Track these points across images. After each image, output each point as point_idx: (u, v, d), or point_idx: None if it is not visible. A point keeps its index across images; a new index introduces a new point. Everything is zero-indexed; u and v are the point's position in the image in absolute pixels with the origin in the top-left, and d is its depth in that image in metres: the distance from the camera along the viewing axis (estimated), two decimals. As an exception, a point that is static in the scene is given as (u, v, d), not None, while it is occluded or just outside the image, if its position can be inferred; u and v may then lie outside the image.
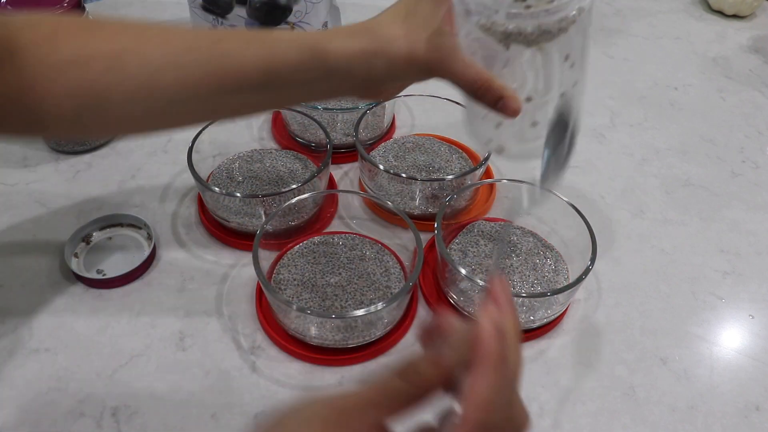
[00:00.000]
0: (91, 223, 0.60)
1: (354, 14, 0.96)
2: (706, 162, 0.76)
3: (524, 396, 0.50)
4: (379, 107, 0.70)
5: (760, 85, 0.91)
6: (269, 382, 0.50)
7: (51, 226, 0.61)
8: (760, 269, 0.63)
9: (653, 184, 0.72)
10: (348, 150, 0.71)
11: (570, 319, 0.57)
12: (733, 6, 1.06)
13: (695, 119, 0.83)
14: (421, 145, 0.70)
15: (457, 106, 0.70)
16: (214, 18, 0.84)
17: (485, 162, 0.63)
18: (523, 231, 0.61)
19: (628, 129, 0.80)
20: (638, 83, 0.89)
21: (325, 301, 0.53)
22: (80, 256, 0.58)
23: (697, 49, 0.99)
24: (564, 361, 0.53)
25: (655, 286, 0.60)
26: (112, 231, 0.61)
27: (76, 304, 0.55)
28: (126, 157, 0.70)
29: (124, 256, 0.59)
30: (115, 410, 0.48)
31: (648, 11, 1.09)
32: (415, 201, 0.64)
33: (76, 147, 0.70)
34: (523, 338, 0.54)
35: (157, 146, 0.72)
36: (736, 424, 0.50)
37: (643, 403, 0.51)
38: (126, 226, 0.61)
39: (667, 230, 0.66)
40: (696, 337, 0.56)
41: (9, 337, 0.52)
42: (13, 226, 0.61)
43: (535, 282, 0.56)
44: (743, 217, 0.69)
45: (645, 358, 0.54)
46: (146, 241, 0.60)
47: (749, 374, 0.54)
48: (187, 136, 0.61)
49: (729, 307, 0.59)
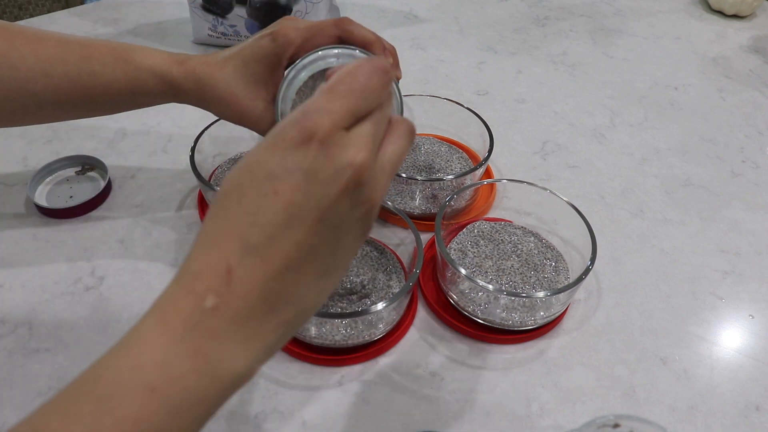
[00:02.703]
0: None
1: (354, 14, 0.96)
2: (706, 162, 0.76)
3: (524, 396, 0.50)
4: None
5: (760, 85, 0.91)
6: (269, 382, 0.50)
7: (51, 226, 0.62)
8: (760, 269, 0.63)
9: (653, 184, 0.72)
10: (348, 150, 0.71)
11: (570, 319, 0.57)
12: (733, 6, 1.06)
13: (695, 119, 0.83)
14: (421, 145, 0.70)
15: (457, 106, 0.70)
16: (214, 18, 0.84)
17: (485, 162, 0.63)
18: (523, 231, 0.61)
19: (628, 129, 0.80)
20: (638, 83, 0.89)
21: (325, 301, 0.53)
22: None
23: (697, 49, 0.99)
24: (564, 361, 0.53)
25: (655, 286, 0.60)
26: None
27: (75, 304, 0.55)
28: (126, 157, 0.70)
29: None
30: (115, 410, 0.48)
31: (648, 11, 1.09)
32: (415, 201, 0.64)
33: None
34: (523, 338, 0.54)
35: (157, 146, 0.72)
36: (736, 424, 0.50)
37: (643, 403, 0.51)
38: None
39: (667, 230, 0.66)
40: (696, 337, 0.56)
41: (9, 337, 0.52)
42: (12, 227, 0.61)
43: (535, 282, 0.56)
44: (743, 217, 0.69)
45: (645, 358, 0.54)
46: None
47: (749, 374, 0.54)
48: (187, 136, 0.61)
49: (729, 307, 0.59)
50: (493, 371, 0.52)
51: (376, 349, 0.52)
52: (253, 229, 0.27)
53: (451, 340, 0.54)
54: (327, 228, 0.28)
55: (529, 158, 0.74)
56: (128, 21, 0.93)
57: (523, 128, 0.79)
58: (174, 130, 0.74)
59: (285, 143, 0.27)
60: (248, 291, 0.27)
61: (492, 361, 0.53)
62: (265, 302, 0.27)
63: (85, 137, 0.72)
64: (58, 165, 0.67)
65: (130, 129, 0.74)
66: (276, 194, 0.27)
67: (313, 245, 0.28)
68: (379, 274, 0.56)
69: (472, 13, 1.04)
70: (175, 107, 0.79)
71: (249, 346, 0.27)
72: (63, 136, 0.73)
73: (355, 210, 0.29)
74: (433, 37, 0.97)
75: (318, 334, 0.51)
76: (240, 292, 0.27)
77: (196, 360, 0.26)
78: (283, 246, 0.27)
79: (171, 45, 0.89)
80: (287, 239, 0.27)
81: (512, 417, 0.49)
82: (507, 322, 0.53)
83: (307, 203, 0.27)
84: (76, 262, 0.58)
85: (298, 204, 0.27)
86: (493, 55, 0.94)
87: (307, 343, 0.52)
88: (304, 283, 0.28)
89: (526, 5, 1.08)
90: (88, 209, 0.63)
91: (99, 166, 0.67)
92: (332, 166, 0.27)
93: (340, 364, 0.52)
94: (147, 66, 0.47)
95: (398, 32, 0.97)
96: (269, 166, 0.27)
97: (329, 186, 0.27)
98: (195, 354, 0.26)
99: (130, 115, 0.76)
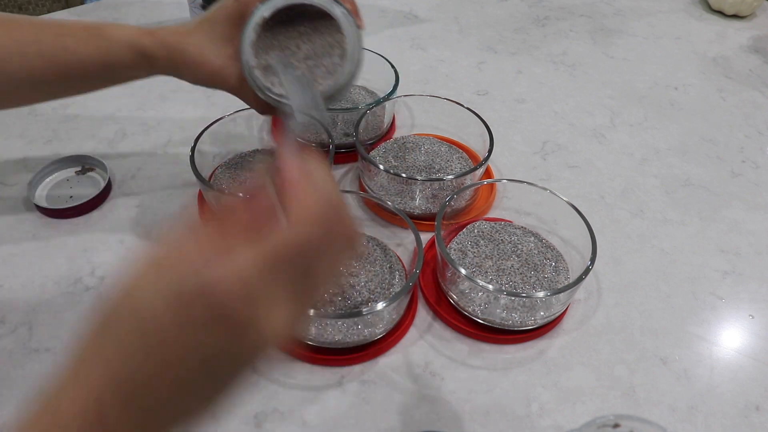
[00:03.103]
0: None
1: (354, 14, 0.96)
2: (706, 162, 0.76)
3: (524, 396, 0.50)
4: (379, 107, 0.70)
5: (760, 85, 0.91)
6: (269, 382, 0.50)
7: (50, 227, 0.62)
8: (760, 269, 0.63)
9: (653, 184, 0.72)
10: (348, 150, 0.71)
11: (570, 319, 0.57)
12: (733, 6, 1.06)
13: (695, 119, 0.83)
14: (421, 145, 0.70)
15: (457, 106, 0.70)
16: (214, 18, 0.84)
17: (485, 162, 0.63)
18: (523, 231, 0.61)
19: (628, 129, 0.80)
20: (638, 83, 0.89)
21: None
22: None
23: (697, 49, 0.99)
24: (564, 361, 0.53)
25: (655, 286, 0.60)
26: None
27: (75, 305, 0.55)
28: (126, 157, 0.70)
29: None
30: (115, 410, 0.48)
31: (648, 11, 1.09)
32: (415, 201, 0.64)
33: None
34: (523, 338, 0.54)
35: (157, 146, 0.72)
36: (736, 424, 0.50)
37: (643, 403, 0.51)
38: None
39: (667, 230, 0.66)
40: (696, 337, 0.56)
41: (9, 337, 0.52)
42: (12, 227, 0.61)
43: (535, 282, 0.56)
44: (743, 217, 0.69)
45: (645, 358, 0.54)
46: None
47: (749, 374, 0.54)
48: (187, 136, 0.61)
49: (729, 307, 0.59)
50: (493, 371, 0.52)
51: (376, 349, 0.52)
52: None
53: (451, 340, 0.54)
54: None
55: (529, 158, 0.74)
56: (128, 21, 0.94)
57: (523, 128, 0.79)
58: (174, 130, 0.74)
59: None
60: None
61: (492, 361, 0.53)
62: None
63: (85, 137, 0.72)
64: (58, 165, 0.67)
65: (130, 129, 0.74)
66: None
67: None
68: (380, 274, 0.56)
69: (472, 13, 1.04)
70: (176, 107, 0.79)
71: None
72: (63, 136, 0.73)
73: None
74: (433, 37, 0.97)
75: (318, 334, 0.51)
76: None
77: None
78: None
79: (171, 45, 0.89)
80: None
81: (512, 417, 0.49)
82: (507, 322, 0.53)
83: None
84: (76, 262, 0.58)
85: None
86: (493, 55, 0.94)
87: (307, 343, 0.52)
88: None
89: (526, 5, 1.08)
90: (88, 209, 0.63)
91: (99, 166, 0.67)
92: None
93: (340, 364, 0.52)
94: (119, 38, 0.49)
95: (398, 32, 0.97)
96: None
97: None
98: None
99: (130, 115, 0.76)
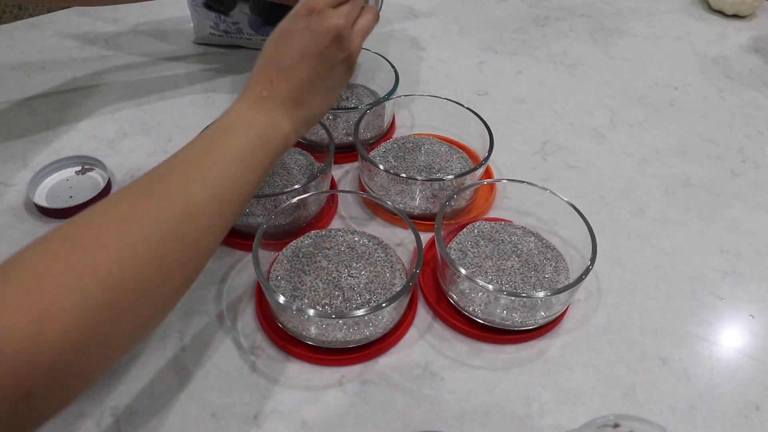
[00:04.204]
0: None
1: (354, 14, 0.96)
2: (706, 162, 0.76)
3: (524, 396, 0.50)
4: (380, 107, 0.70)
5: (760, 85, 0.91)
6: (269, 382, 0.50)
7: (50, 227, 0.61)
8: (760, 269, 0.63)
9: (653, 184, 0.72)
10: (348, 150, 0.71)
11: (570, 319, 0.57)
12: (733, 6, 1.06)
13: (695, 119, 0.83)
14: (421, 145, 0.70)
15: (457, 106, 0.70)
16: (216, 16, 0.84)
17: (485, 162, 0.63)
18: (523, 231, 0.61)
19: (628, 129, 0.80)
20: (638, 83, 0.89)
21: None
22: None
23: (697, 49, 0.99)
24: (564, 361, 0.53)
25: (655, 286, 0.60)
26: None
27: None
28: (126, 157, 0.70)
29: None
30: (115, 410, 0.48)
31: (648, 11, 1.09)
32: (415, 201, 0.64)
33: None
34: (523, 338, 0.54)
35: (157, 146, 0.72)
36: (736, 424, 0.50)
37: (643, 403, 0.51)
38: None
39: (667, 230, 0.66)
40: (696, 337, 0.56)
41: (9, 336, 0.52)
42: (12, 227, 0.61)
43: (535, 282, 0.56)
44: (743, 217, 0.69)
45: (645, 358, 0.54)
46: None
47: (749, 374, 0.54)
48: (187, 136, 0.61)
49: (729, 307, 0.59)
50: (493, 371, 0.52)
51: (376, 349, 0.52)
52: (282, 60, 0.48)
53: (451, 340, 0.54)
54: (324, 62, 0.48)
55: (529, 158, 0.74)
56: (128, 21, 0.93)
57: (523, 128, 0.79)
58: (174, 130, 0.74)
59: (297, 14, 0.49)
60: (283, 90, 0.47)
61: (492, 361, 0.53)
62: (293, 100, 0.47)
63: (85, 137, 0.72)
64: (58, 165, 0.67)
65: (130, 129, 0.74)
66: (293, 41, 0.48)
67: (317, 71, 0.48)
68: (381, 273, 0.56)
69: (472, 13, 1.04)
70: (176, 107, 0.79)
71: (289, 119, 0.47)
72: (63, 136, 0.72)
73: (340, 54, 0.49)
74: (433, 37, 0.97)
75: (318, 334, 0.51)
76: (278, 90, 0.47)
77: (266, 119, 0.46)
78: (300, 70, 0.48)
79: (172, 45, 0.89)
80: (301, 66, 0.48)
81: (512, 417, 0.49)
82: (507, 322, 0.53)
83: (310, 46, 0.47)
84: (76, 262, 0.58)
85: (306, 46, 0.47)
86: (493, 55, 0.94)
87: (307, 343, 0.52)
88: (314, 94, 0.49)
89: (526, 5, 1.08)
90: (88, 209, 0.63)
91: (99, 166, 0.67)
92: (324, 25, 0.48)
93: (340, 364, 0.52)
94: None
95: (398, 32, 0.97)
96: (289, 26, 0.49)
97: (323, 37, 0.48)
98: (265, 115, 0.46)
99: (130, 115, 0.76)
